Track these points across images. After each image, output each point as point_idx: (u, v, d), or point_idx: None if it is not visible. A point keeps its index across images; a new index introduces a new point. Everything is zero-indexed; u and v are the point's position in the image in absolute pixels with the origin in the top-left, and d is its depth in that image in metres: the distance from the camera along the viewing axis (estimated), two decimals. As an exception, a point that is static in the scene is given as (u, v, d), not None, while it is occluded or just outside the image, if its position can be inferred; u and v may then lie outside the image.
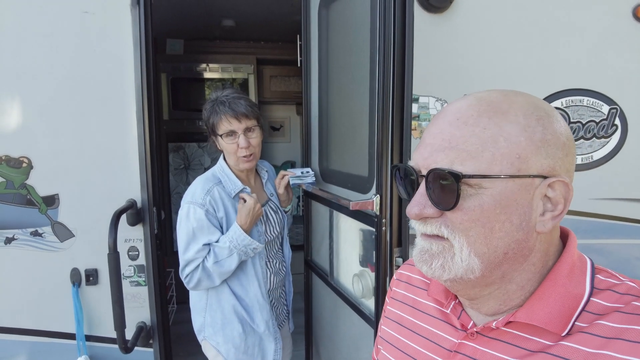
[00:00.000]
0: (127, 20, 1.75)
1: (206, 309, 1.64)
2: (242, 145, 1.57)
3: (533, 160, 0.53)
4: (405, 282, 0.77)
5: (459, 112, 0.55)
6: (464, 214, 0.53)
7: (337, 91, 1.75)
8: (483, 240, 0.54)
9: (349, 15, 1.62)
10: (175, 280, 3.27)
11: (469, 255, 0.54)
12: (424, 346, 0.67)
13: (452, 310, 0.65)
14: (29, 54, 1.72)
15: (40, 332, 1.86)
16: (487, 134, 0.53)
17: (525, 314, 0.56)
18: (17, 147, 1.75)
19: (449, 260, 0.56)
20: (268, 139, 4.33)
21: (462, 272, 0.55)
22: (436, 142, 0.55)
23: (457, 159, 0.53)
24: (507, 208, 0.53)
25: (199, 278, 1.54)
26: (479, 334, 0.60)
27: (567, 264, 0.57)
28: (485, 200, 0.53)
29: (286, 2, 2.81)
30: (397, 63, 1.28)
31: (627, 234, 1.99)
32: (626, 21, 1.84)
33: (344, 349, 1.76)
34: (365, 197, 1.45)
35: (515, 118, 0.54)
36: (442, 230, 0.55)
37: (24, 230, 1.79)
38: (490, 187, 0.53)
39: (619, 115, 1.91)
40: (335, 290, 1.77)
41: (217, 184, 1.59)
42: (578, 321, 0.54)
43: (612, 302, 0.54)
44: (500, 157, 0.52)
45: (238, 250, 1.54)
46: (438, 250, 0.57)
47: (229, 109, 1.55)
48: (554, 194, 0.55)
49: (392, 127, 1.30)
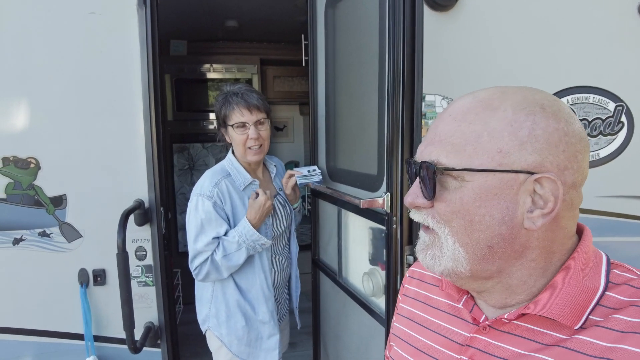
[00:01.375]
0: (134, 20, 1.75)
1: (211, 301, 1.67)
2: (252, 136, 1.60)
3: (516, 156, 0.53)
4: (417, 279, 0.78)
5: (454, 110, 0.58)
6: (446, 205, 0.56)
7: (344, 90, 1.75)
8: (464, 231, 0.56)
9: (356, 14, 1.62)
10: (182, 281, 3.27)
11: (453, 245, 0.57)
12: (436, 341, 0.67)
13: (464, 304, 0.65)
14: (35, 55, 1.72)
15: (49, 333, 1.86)
16: (471, 129, 0.55)
17: (538, 307, 0.55)
18: (24, 148, 1.75)
19: (438, 251, 0.59)
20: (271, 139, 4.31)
21: (452, 263, 0.57)
22: (429, 137, 0.60)
23: (442, 153, 0.56)
24: (487, 202, 0.54)
25: (207, 270, 1.57)
26: (491, 328, 0.60)
27: (580, 259, 0.57)
28: (465, 193, 0.55)
29: (289, 2, 2.82)
30: (407, 61, 1.28)
31: (634, 232, 1.99)
32: (632, 18, 1.84)
33: (353, 348, 1.76)
34: (375, 196, 1.45)
35: (504, 114, 0.54)
36: (427, 220, 0.59)
37: (31, 231, 1.79)
38: (471, 180, 0.54)
39: (625, 113, 1.91)
40: (344, 289, 1.76)
41: (225, 176, 1.62)
42: (593, 315, 0.53)
43: (627, 296, 0.54)
44: (481, 151, 0.54)
45: (246, 245, 1.56)
46: (430, 242, 0.60)
47: (241, 100, 1.59)
48: (543, 191, 0.53)
49: (403, 125, 1.30)
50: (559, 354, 0.53)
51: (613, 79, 1.87)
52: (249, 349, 1.67)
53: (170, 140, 3.64)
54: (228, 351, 1.66)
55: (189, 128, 3.70)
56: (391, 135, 1.32)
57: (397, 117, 1.30)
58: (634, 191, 1.97)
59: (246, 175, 1.65)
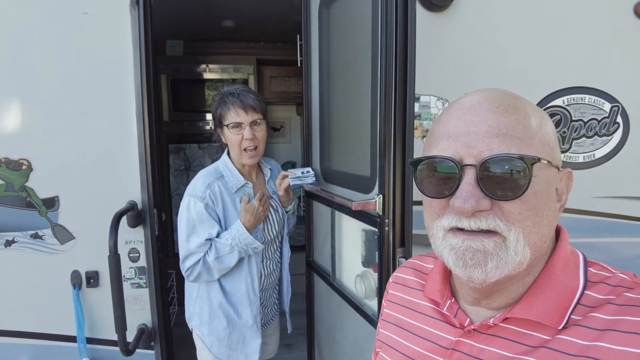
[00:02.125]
0: (127, 21, 1.74)
1: (196, 300, 1.67)
2: (247, 137, 1.59)
3: (556, 151, 0.56)
4: (401, 284, 0.78)
5: (496, 102, 0.54)
6: (522, 203, 0.51)
7: (338, 91, 1.74)
8: (537, 229, 0.53)
9: (350, 14, 1.62)
10: (177, 282, 3.26)
11: (523, 248, 0.52)
12: (422, 346, 0.67)
13: (448, 309, 0.65)
14: (28, 56, 1.71)
15: (42, 335, 1.85)
16: (530, 123, 0.54)
17: (522, 310, 0.56)
18: (16, 149, 1.74)
19: (502, 257, 0.52)
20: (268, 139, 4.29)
21: (512, 267, 0.52)
22: (481, 129, 0.52)
23: (512, 146, 0.51)
24: (549, 195, 0.54)
25: (199, 272, 1.57)
26: (476, 332, 0.60)
27: (561, 259, 0.58)
28: (536, 188, 0.52)
29: (286, 2, 2.81)
30: (400, 62, 1.27)
31: (630, 233, 1.98)
32: (628, 19, 1.83)
33: (348, 349, 1.75)
34: (368, 197, 1.44)
35: (539, 112, 0.56)
36: (497, 224, 0.51)
37: (24, 233, 1.78)
38: (538, 174, 0.52)
39: (621, 113, 1.90)
40: (337, 291, 1.76)
41: (218, 178, 1.61)
42: (573, 314, 0.54)
43: (604, 294, 0.54)
44: (541, 145, 0.54)
45: (239, 248, 1.56)
46: (492, 247, 0.52)
47: (237, 100, 1.58)
48: (561, 185, 0.57)
49: (395, 126, 1.29)
50: (543, 355, 0.53)
51: (609, 80, 1.86)
52: (229, 350, 1.66)
53: (167, 141, 3.64)
54: (209, 352, 1.66)
55: (185, 128, 3.69)
56: (384, 136, 1.31)
57: (389, 118, 1.30)
58: (629, 192, 1.97)
59: (239, 178, 1.64)
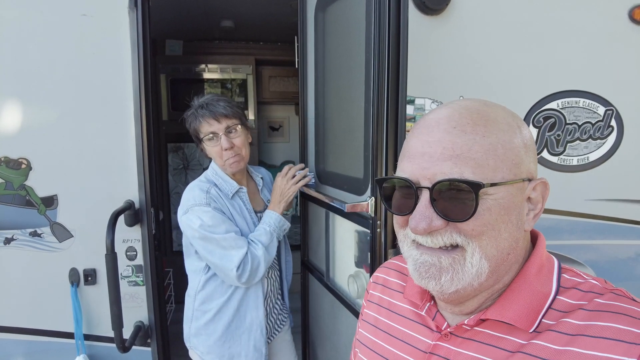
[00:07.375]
0: (125, 22, 1.76)
1: (192, 319, 1.66)
2: (225, 147, 1.54)
3: (524, 165, 0.56)
4: (381, 284, 0.78)
5: (453, 121, 0.55)
6: (475, 220, 0.53)
7: (333, 93, 1.76)
8: (493, 243, 0.54)
9: (345, 18, 1.63)
10: (174, 280, 3.28)
11: (479, 260, 0.54)
12: (400, 348, 0.67)
13: (426, 312, 0.66)
14: (27, 56, 1.73)
15: (39, 332, 1.87)
16: (487, 142, 0.53)
17: (496, 312, 0.57)
18: (16, 148, 1.76)
19: (459, 271, 0.55)
20: (267, 139, 4.33)
21: (470, 279, 0.55)
22: (436, 151, 0.54)
23: (466, 168, 0.52)
24: (508, 210, 0.55)
25: (250, 268, 1.49)
26: (453, 335, 0.61)
27: (536, 264, 0.59)
28: (491, 204, 0.53)
29: (284, 3, 2.82)
30: (392, 65, 1.28)
31: (623, 235, 2.00)
32: (622, 23, 1.84)
33: (342, 348, 1.77)
34: (361, 199, 1.46)
35: (507, 126, 0.56)
36: (455, 239, 0.54)
37: (23, 231, 1.80)
38: (494, 192, 0.53)
39: (615, 117, 1.91)
40: (331, 290, 1.77)
41: (212, 186, 1.59)
42: (545, 318, 0.55)
43: (576, 299, 0.56)
44: (501, 164, 0.54)
45: (277, 234, 1.59)
46: (448, 263, 0.55)
47: (207, 111, 1.55)
48: (535, 194, 0.58)
49: (387, 129, 1.31)
50: None
51: (603, 83, 1.87)
52: None
53: (165, 140, 3.65)
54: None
55: (184, 128, 3.69)
56: (376, 139, 1.33)
57: (381, 121, 1.31)
58: (623, 194, 1.98)
59: (232, 183, 1.62)
